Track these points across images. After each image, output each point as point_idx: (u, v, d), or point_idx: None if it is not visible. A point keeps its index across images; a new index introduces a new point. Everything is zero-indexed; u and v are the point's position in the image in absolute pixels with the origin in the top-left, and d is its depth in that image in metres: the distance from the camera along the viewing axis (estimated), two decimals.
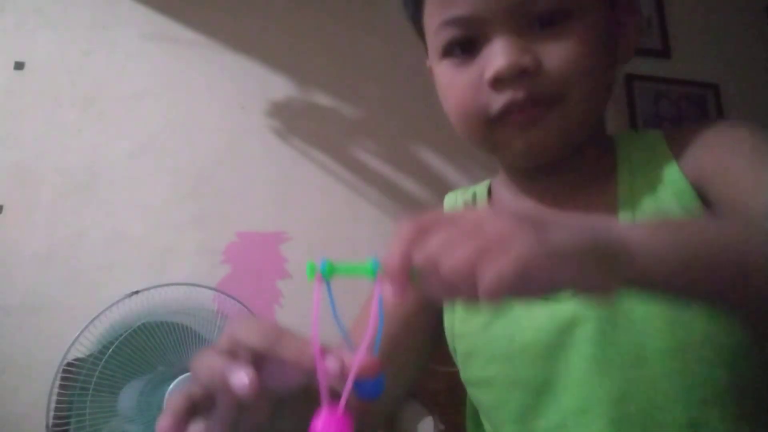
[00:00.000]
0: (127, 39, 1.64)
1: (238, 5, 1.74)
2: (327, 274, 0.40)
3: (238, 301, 1.36)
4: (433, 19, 0.54)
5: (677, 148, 0.54)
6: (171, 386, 1.18)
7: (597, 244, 0.34)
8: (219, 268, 1.51)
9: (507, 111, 0.50)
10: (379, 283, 0.36)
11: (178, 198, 1.55)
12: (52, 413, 1.15)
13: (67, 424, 1.15)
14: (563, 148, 0.53)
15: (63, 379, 1.16)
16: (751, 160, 0.48)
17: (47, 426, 1.14)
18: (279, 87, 1.69)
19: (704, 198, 0.51)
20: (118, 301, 1.24)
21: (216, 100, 1.65)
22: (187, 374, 1.19)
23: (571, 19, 0.50)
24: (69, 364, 1.17)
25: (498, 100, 0.50)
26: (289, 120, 1.67)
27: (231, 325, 0.39)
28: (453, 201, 0.68)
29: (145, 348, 1.20)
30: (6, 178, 1.46)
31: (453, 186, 0.92)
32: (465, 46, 0.52)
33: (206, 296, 1.36)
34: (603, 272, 0.33)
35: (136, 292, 1.27)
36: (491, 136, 0.53)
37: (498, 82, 0.50)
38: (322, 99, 1.71)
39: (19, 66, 1.55)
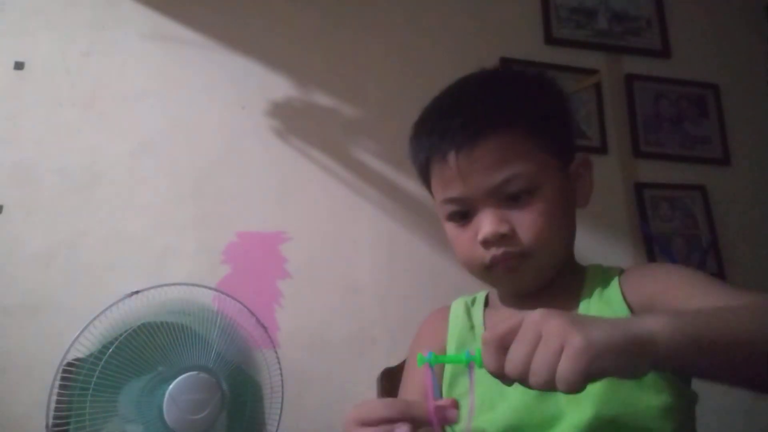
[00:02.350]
0: (127, 39, 1.64)
1: (238, 5, 1.74)
2: (432, 363, 0.55)
3: (238, 301, 1.36)
4: (438, 194, 0.75)
5: (625, 285, 0.70)
6: (171, 386, 1.18)
7: (626, 338, 0.45)
8: (219, 268, 1.51)
9: (494, 262, 0.71)
10: (472, 369, 0.53)
11: (178, 198, 1.55)
12: (52, 413, 1.14)
13: (67, 424, 1.14)
14: (538, 284, 0.73)
15: (63, 379, 1.16)
16: (685, 282, 0.65)
17: (47, 426, 1.14)
18: (279, 87, 1.69)
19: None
20: (118, 301, 1.24)
21: (216, 100, 1.65)
22: (188, 374, 1.19)
23: (534, 195, 0.69)
24: (69, 364, 1.17)
25: (487, 255, 0.71)
26: (289, 120, 1.67)
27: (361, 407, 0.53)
28: (458, 305, 0.86)
29: (145, 348, 1.20)
30: (6, 178, 1.46)
31: None
32: (462, 214, 0.73)
33: (206, 296, 1.36)
34: (634, 359, 0.45)
35: (136, 292, 1.27)
36: (488, 277, 0.74)
37: (486, 243, 0.70)
38: (322, 99, 1.71)
39: (19, 66, 1.55)
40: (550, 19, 1.96)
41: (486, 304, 0.85)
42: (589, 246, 1.65)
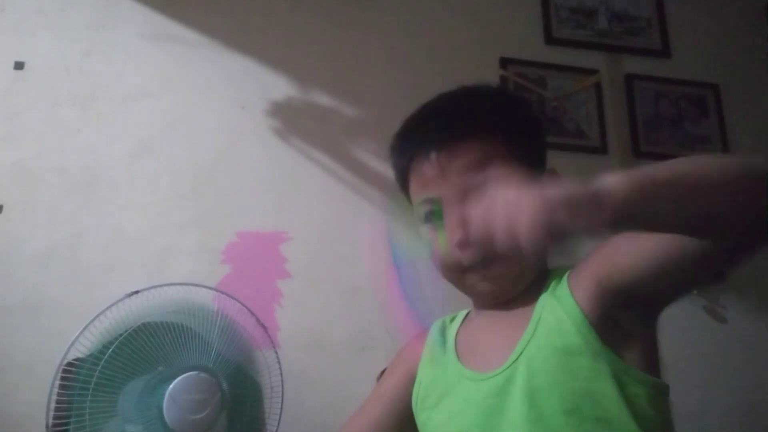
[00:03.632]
0: (127, 39, 1.64)
1: (238, 5, 1.74)
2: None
3: (238, 301, 1.36)
4: (416, 197, 0.78)
5: (571, 278, 0.70)
6: (171, 386, 1.18)
7: (581, 192, 0.46)
8: (219, 268, 1.50)
9: (472, 265, 0.72)
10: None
11: (178, 198, 1.55)
12: (52, 413, 1.14)
13: (67, 424, 1.14)
14: (516, 290, 0.74)
15: (63, 378, 1.16)
16: (623, 237, 0.64)
17: (47, 426, 1.14)
18: (279, 87, 1.69)
19: (600, 309, 0.65)
20: (117, 301, 1.24)
21: (216, 100, 1.65)
22: (188, 374, 1.19)
23: None
24: (69, 364, 1.17)
25: (465, 258, 0.71)
26: (289, 120, 1.67)
27: None
28: (436, 325, 0.87)
29: (145, 348, 1.20)
30: (6, 178, 1.46)
31: None
32: (439, 214, 0.74)
33: (206, 296, 1.36)
34: (591, 212, 0.45)
35: (136, 292, 1.27)
36: (464, 281, 0.75)
37: (461, 245, 0.70)
38: (322, 99, 1.71)
39: (19, 66, 1.55)
40: (550, 19, 1.96)
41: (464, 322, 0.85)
42: (591, 247, 1.64)
